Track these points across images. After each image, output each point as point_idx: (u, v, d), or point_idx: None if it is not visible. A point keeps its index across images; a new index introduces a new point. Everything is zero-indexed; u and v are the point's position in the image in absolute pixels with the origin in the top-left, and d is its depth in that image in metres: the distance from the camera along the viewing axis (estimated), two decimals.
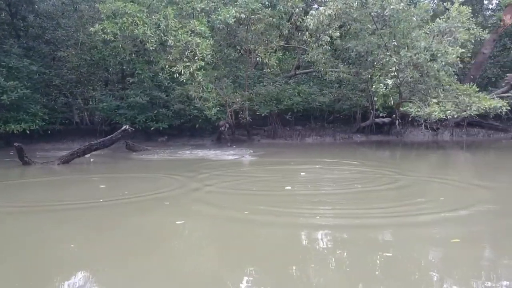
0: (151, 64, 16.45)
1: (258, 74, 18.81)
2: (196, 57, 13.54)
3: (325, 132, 18.64)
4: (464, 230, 4.56)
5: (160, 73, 15.23)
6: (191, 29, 13.63)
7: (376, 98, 15.14)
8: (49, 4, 18.62)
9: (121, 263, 3.73)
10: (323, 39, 14.40)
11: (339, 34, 14.99)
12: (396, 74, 13.48)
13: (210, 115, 15.22)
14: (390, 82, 13.42)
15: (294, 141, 17.65)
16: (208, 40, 13.67)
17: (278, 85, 17.73)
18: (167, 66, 14.01)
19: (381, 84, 13.54)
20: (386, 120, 18.16)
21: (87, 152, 11.37)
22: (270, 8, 15.23)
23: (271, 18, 15.19)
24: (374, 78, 14.42)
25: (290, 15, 17.21)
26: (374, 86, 13.91)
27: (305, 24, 14.30)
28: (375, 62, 14.38)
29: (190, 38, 13.38)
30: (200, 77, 13.96)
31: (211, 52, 13.93)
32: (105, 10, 13.52)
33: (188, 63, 13.61)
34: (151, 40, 13.42)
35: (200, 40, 13.45)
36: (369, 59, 14.89)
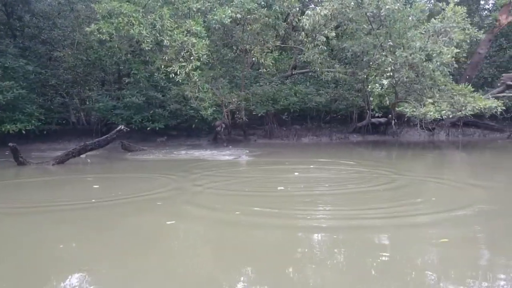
0: (147, 64, 16.44)
1: (255, 74, 18.82)
2: (192, 57, 13.54)
3: (322, 132, 18.65)
4: (461, 230, 4.55)
5: (156, 73, 15.24)
6: (187, 29, 13.62)
7: (372, 98, 15.16)
8: (45, 4, 18.58)
9: (113, 263, 3.74)
10: (319, 39, 14.42)
11: (336, 34, 15.00)
12: (392, 74, 13.49)
13: (206, 115, 15.22)
14: (386, 82, 13.43)
15: (291, 141, 17.66)
16: (204, 40, 13.67)
17: (275, 85, 17.73)
18: (163, 66, 14.02)
19: (377, 84, 13.55)
20: (382, 120, 18.18)
21: (82, 153, 11.37)
22: (266, 8, 15.23)
23: (267, 18, 15.20)
24: (370, 78, 14.43)
25: (287, 15, 17.22)
26: (370, 86, 13.92)
27: (301, 24, 14.32)
28: (371, 62, 14.39)
29: (186, 38, 13.39)
30: (196, 77, 13.95)
31: (207, 52, 13.93)
32: (101, 10, 13.51)
33: (184, 63, 13.61)
34: (147, 40, 13.42)
35: (196, 40, 13.46)
36: (365, 59, 14.91)
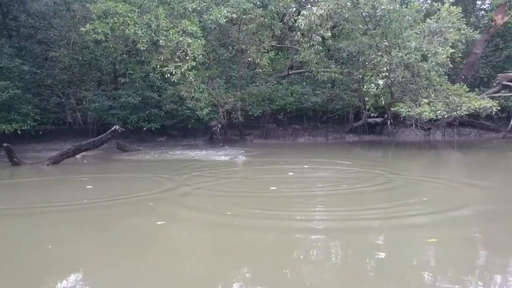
0: (143, 64, 16.41)
1: (251, 74, 18.80)
2: (188, 57, 13.52)
3: (318, 132, 18.65)
4: (458, 231, 4.53)
5: (152, 73, 15.21)
6: (183, 29, 13.61)
7: (368, 98, 15.17)
8: (41, 4, 18.53)
9: (102, 264, 3.73)
10: (315, 39, 14.42)
11: (332, 35, 14.99)
12: (387, 74, 13.51)
13: (202, 115, 15.21)
14: (381, 82, 13.45)
15: (287, 141, 17.66)
16: (200, 40, 13.65)
17: (271, 85, 17.72)
18: (159, 66, 13.99)
19: (372, 84, 13.57)
20: (379, 120, 18.20)
21: (77, 153, 11.36)
22: (262, 8, 15.22)
23: (263, 18, 15.19)
24: (366, 78, 14.45)
25: (283, 15, 17.22)
26: (366, 86, 13.94)
27: (297, 24, 14.32)
28: (367, 62, 14.40)
29: (182, 38, 13.36)
30: (192, 77, 13.93)
31: (203, 52, 13.91)
32: (96, 10, 13.49)
33: (180, 63, 13.59)
34: (142, 40, 13.40)
35: (192, 40, 13.44)
36: (361, 59, 14.92)
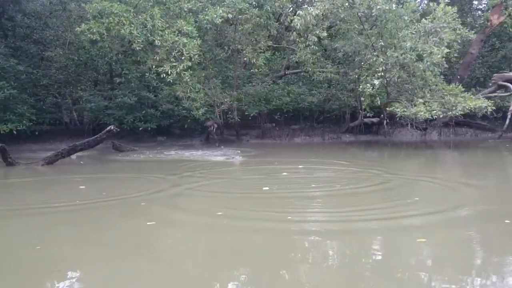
0: (139, 64, 16.38)
1: (248, 74, 18.79)
2: (183, 57, 13.51)
3: (314, 132, 18.65)
4: (454, 231, 4.51)
5: (147, 73, 15.18)
6: (178, 29, 13.60)
7: (363, 98, 15.18)
8: (37, 4, 18.49)
9: (91, 265, 3.71)
10: (311, 40, 14.43)
11: (329, 34, 15.00)
12: (383, 74, 13.53)
13: (198, 115, 15.21)
14: (377, 82, 13.47)
15: (283, 141, 17.65)
16: (196, 40, 13.64)
17: (267, 85, 17.72)
18: (154, 66, 13.97)
19: (368, 84, 13.58)
20: (375, 120, 18.18)
21: (72, 153, 11.32)
22: (258, 8, 15.21)
23: (259, 18, 15.19)
24: (361, 78, 14.46)
25: (279, 15, 17.22)
26: (361, 86, 13.95)
27: (293, 24, 14.33)
28: (362, 62, 14.42)
29: (177, 38, 13.35)
30: (187, 77, 13.93)
31: (198, 52, 13.90)
32: (91, 10, 13.47)
33: (175, 63, 13.58)
34: (138, 40, 13.39)
35: (187, 40, 13.43)
36: (356, 59, 14.92)
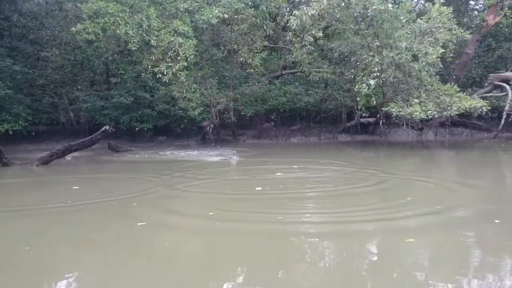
0: (135, 64, 16.39)
1: (244, 74, 18.80)
2: (179, 57, 13.52)
3: (310, 132, 18.68)
4: (451, 231, 4.49)
5: (143, 73, 15.18)
6: (174, 29, 13.60)
7: (359, 98, 15.19)
8: (33, 4, 18.48)
9: (80, 266, 3.72)
10: (307, 40, 14.44)
11: (326, 34, 14.99)
12: (379, 74, 13.54)
13: (194, 116, 15.21)
14: (373, 82, 13.47)
15: (280, 141, 17.67)
16: (191, 40, 13.64)
17: (264, 85, 17.73)
18: (150, 66, 13.98)
19: (364, 84, 13.59)
20: (371, 120, 18.22)
21: (67, 153, 11.32)
22: (254, 9, 15.21)
23: (254, 19, 15.19)
24: (357, 79, 14.48)
25: (276, 15, 17.22)
26: (357, 86, 13.96)
27: (289, 25, 14.34)
28: (358, 62, 14.43)
29: (173, 38, 13.36)
30: (183, 77, 13.93)
31: (194, 52, 13.91)
32: (87, 10, 13.47)
33: (171, 63, 13.59)
34: (133, 40, 13.39)
35: (183, 40, 13.43)
36: (352, 59, 14.94)
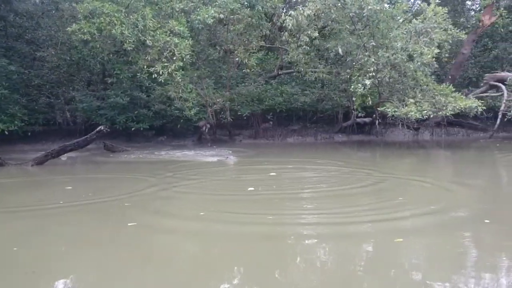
0: (131, 65, 16.36)
1: (241, 75, 18.79)
2: (175, 57, 13.50)
3: (307, 132, 18.67)
4: (449, 231, 4.51)
5: (139, 74, 15.16)
6: (170, 29, 13.58)
7: (355, 98, 15.20)
8: (29, 4, 18.43)
9: (75, 267, 3.72)
10: (302, 40, 14.44)
11: (322, 35, 14.98)
12: (374, 74, 13.55)
13: (190, 116, 15.19)
14: (368, 82, 13.48)
15: (276, 141, 17.68)
16: (187, 40, 13.62)
17: (260, 85, 17.72)
18: (146, 67, 13.95)
19: (359, 85, 13.60)
20: (367, 120, 18.23)
21: (62, 153, 11.30)
22: (249, 9, 15.20)
23: (250, 19, 15.19)
24: (353, 79, 14.49)
25: (272, 16, 17.22)
26: (353, 86, 13.97)
27: (284, 25, 14.33)
28: (354, 63, 14.44)
29: (169, 38, 13.33)
30: (179, 77, 13.91)
31: (190, 52, 13.89)
32: (82, 10, 13.44)
33: (167, 64, 13.57)
34: (129, 40, 13.35)
35: (179, 40, 13.41)
36: (348, 60, 14.95)
